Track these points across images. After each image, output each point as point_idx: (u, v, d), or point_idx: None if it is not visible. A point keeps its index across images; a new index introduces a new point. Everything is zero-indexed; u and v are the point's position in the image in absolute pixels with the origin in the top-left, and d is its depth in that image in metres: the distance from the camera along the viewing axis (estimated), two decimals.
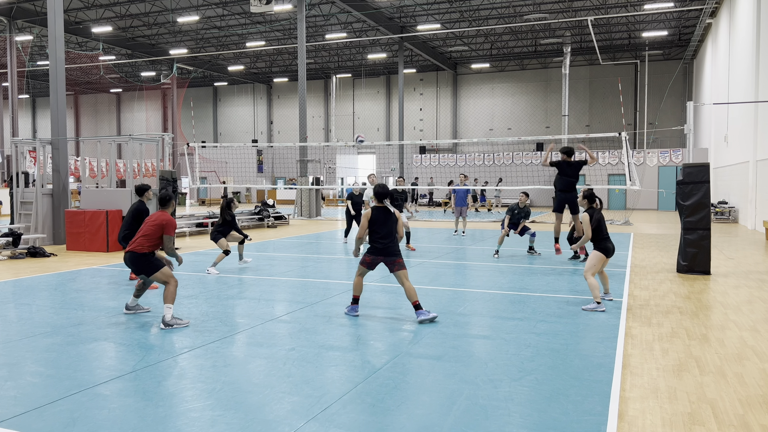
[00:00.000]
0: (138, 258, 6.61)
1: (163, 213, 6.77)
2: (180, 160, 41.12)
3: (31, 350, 5.55)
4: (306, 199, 25.67)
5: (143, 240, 6.62)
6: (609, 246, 7.50)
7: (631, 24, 34.46)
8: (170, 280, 6.53)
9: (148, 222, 6.77)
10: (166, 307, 6.36)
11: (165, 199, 6.95)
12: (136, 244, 6.63)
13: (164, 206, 6.92)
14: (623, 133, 12.55)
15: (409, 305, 7.21)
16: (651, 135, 37.55)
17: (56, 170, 14.81)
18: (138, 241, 6.63)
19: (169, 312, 6.34)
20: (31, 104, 57.99)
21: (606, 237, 7.56)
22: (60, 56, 14.65)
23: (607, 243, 7.52)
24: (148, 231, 6.65)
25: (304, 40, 25.75)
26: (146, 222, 6.80)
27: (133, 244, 6.66)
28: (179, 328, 6.31)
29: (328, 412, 4.06)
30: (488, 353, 5.44)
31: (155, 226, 6.66)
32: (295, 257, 12.56)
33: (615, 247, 7.66)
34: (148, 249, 6.62)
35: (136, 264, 6.64)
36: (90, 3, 31.37)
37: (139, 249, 6.60)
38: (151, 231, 6.64)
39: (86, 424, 3.84)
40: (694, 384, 4.70)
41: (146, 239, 6.63)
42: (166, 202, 6.95)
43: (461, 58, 43.32)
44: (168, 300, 6.38)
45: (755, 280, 9.63)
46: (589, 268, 7.42)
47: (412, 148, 42.13)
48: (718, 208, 23.18)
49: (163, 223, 6.66)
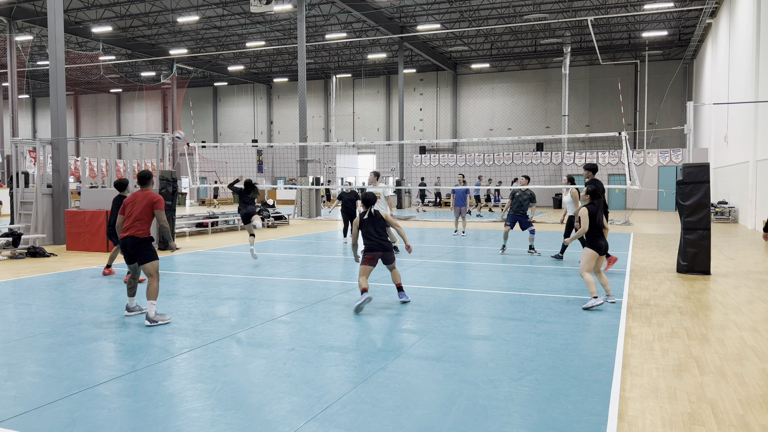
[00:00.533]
0: (139, 243, 6.58)
1: (147, 191, 6.77)
2: (180, 160, 41.13)
3: (31, 350, 5.55)
4: (306, 199, 25.68)
5: (139, 224, 6.60)
6: (601, 243, 7.48)
7: (631, 24, 34.46)
8: (156, 275, 6.57)
9: (135, 204, 6.67)
10: (149, 304, 6.41)
11: (145, 178, 6.90)
12: (134, 229, 6.58)
13: (144, 185, 6.87)
14: (623, 133, 12.55)
15: (409, 306, 7.43)
16: (651, 135, 37.56)
17: (56, 170, 14.81)
18: (135, 225, 6.60)
19: (152, 308, 6.40)
20: (31, 104, 58.00)
21: (599, 234, 7.52)
22: (60, 56, 14.65)
23: (599, 240, 7.49)
24: (139, 213, 6.61)
25: (304, 40, 25.75)
26: (133, 204, 6.69)
27: (130, 229, 6.60)
28: (163, 325, 6.40)
29: (328, 412, 4.06)
30: (488, 353, 5.44)
31: (145, 205, 6.63)
32: (295, 257, 12.56)
33: (608, 245, 7.65)
34: (147, 233, 6.63)
35: (136, 248, 6.60)
36: (90, 3, 31.37)
37: (140, 234, 6.59)
38: (142, 211, 6.61)
39: (86, 424, 3.84)
40: (694, 384, 4.70)
41: (141, 222, 6.61)
42: (146, 181, 6.90)
43: (461, 58, 43.32)
44: (151, 297, 6.44)
45: (755, 280, 9.63)
46: (583, 265, 7.43)
47: (412, 148, 42.13)
48: (718, 208, 23.18)
49: (153, 200, 6.67)
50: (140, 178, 6.94)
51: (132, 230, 6.60)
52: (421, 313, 7.06)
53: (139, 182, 6.93)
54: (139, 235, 6.58)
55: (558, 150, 38.05)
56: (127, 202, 6.80)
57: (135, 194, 6.78)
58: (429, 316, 6.84)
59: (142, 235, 6.59)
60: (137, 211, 6.64)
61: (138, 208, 6.65)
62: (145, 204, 6.64)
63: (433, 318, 6.74)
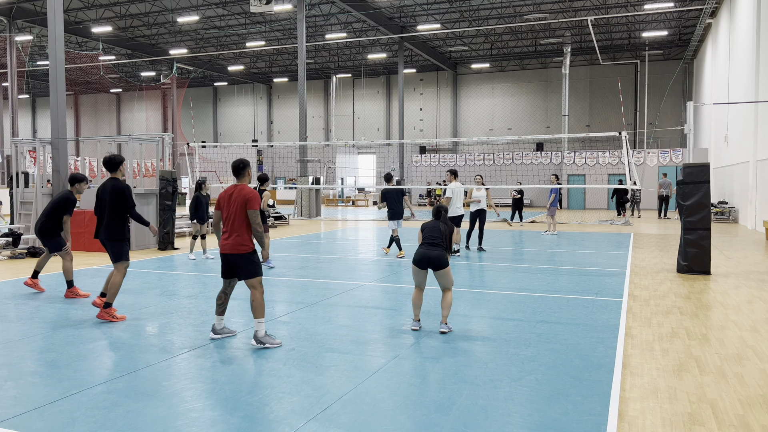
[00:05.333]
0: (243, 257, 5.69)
1: (242, 185, 5.76)
2: (180, 160, 41.13)
3: (31, 350, 5.55)
4: (306, 199, 25.68)
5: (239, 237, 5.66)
6: None
7: (631, 24, 34.46)
8: (259, 288, 5.71)
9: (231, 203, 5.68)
10: (257, 322, 5.66)
11: (239, 168, 5.85)
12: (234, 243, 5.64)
13: (240, 177, 5.87)
14: (623, 133, 12.56)
15: (410, 306, 7.40)
16: (651, 135, 37.57)
17: (56, 170, 14.80)
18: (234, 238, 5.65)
19: (261, 327, 5.66)
20: (31, 104, 58.02)
21: None
22: (60, 56, 14.64)
23: None
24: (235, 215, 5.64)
25: (304, 40, 25.75)
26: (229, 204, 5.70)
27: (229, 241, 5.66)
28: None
29: (328, 412, 4.06)
30: (488, 353, 5.44)
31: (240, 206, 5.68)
32: (294, 257, 12.56)
33: None
34: (251, 246, 5.71)
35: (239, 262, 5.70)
36: (90, 3, 31.38)
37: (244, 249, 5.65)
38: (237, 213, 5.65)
39: (86, 424, 3.84)
40: (694, 384, 4.70)
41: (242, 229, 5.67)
42: (241, 171, 5.86)
43: (461, 58, 43.32)
44: (259, 314, 5.65)
45: (755, 280, 9.63)
46: None
47: (412, 148, 42.12)
48: (718, 208, 23.17)
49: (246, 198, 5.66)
50: (234, 168, 5.77)
51: (232, 244, 5.62)
52: (420, 312, 7.06)
53: (234, 173, 5.74)
54: (243, 251, 5.62)
55: (558, 150, 38.04)
56: (223, 201, 5.74)
57: (229, 190, 5.72)
58: (429, 317, 6.84)
59: (246, 249, 5.62)
60: (233, 213, 5.65)
61: (234, 209, 5.65)
62: (239, 204, 5.63)
63: (433, 318, 6.74)
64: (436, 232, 6.28)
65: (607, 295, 8.27)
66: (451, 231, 6.39)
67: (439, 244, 6.22)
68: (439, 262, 6.14)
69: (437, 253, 6.15)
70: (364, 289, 8.70)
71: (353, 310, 7.28)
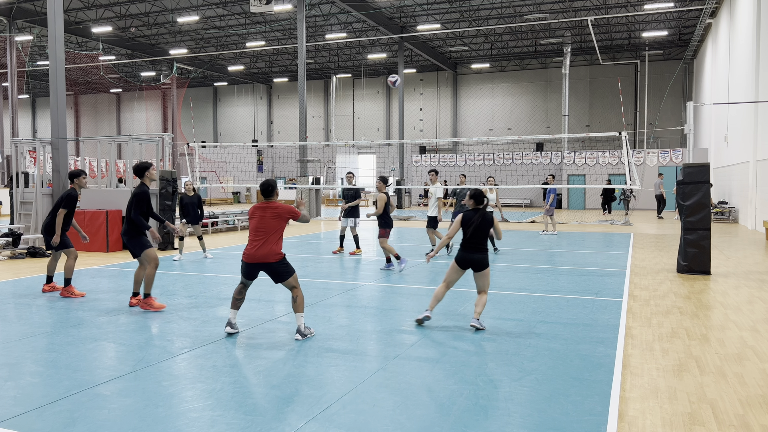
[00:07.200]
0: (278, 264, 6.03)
1: (273, 203, 6.07)
2: (180, 160, 41.13)
3: (31, 350, 5.55)
4: (306, 199, 25.68)
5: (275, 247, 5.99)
6: None
7: (631, 24, 34.46)
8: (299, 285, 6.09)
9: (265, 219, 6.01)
10: (298, 316, 6.01)
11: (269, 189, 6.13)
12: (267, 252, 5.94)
13: (269, 197, 6.11)
14: (623, 133, 12.56)
15: (410, 306, 7.46)
16: (651, 135, 37.56)
17: (56, 170, 14.80)
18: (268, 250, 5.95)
19: (302, 321, 6.01)
20: (31, 104, 58.01)
21: None
22: (60, 56, 14.64)
23: None
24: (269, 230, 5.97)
25: (304, 40, 25.75)
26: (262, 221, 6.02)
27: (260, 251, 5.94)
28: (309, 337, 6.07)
29: (328, 412, 4.06)
30: (488, 353, 5.44)
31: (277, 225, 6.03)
32: (294, 257, 12.55)
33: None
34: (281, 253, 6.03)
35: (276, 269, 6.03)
36: (90, 3, 31.38)
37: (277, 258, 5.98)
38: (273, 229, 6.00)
39: (86, 424, 3.84)
40: (694, 384, 4.70)
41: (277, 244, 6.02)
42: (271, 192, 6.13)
43: (461, 58, 43.32)
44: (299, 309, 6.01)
45: (755, 280, 9.63)
46: None
47: (412, 148, 42.12)
48: (718, 208, 23.17)
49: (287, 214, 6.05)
50: (263, 190, 6.10)
51: (264, 253, 5.90)
52: (420, 312, 7.05)
53: (264, 195, 6.10)
54: (277, 259, 5.95)
55: (558, 150, 38.04)
56: (255, 213, 6.05)
57: (261, 205, 6.04)
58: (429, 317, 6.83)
59: (280, 257, 5.96)
60: (266, 225, 5.95)
61: (268, 221, 5.95)
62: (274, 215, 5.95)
63: (432, 318, 6.74)
64: (481, 236, 6.27)
65: (607, 295, 8.27)
66: (492, 224, 6.40)
67: (484, 249, 6.31)
68: (481, 264, 6.29)
69: (480, 257, 6.28)
70: (364, 289, 8.70)
71: (353, 310, 7.28)
